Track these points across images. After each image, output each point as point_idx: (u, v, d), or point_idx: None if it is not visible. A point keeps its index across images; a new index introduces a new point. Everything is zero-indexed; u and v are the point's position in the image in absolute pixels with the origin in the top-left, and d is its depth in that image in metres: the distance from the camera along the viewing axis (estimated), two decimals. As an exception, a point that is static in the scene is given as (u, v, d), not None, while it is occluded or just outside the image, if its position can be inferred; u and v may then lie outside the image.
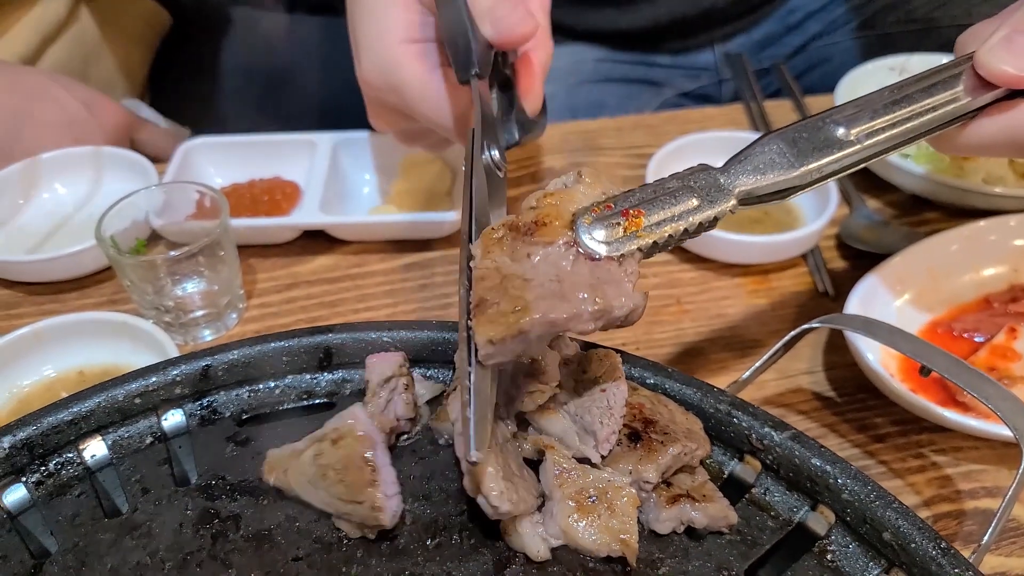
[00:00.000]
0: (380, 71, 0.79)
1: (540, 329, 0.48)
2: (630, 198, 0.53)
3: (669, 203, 0.53)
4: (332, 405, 0.64)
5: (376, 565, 0.52)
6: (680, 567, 0.53)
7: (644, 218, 0.52)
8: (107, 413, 0.61)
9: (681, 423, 0.57)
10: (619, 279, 0.50)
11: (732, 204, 0.54)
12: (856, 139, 0.57)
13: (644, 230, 0.52)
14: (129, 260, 0.82)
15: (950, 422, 0.71)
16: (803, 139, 0.57)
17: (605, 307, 0.48)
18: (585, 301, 0.48)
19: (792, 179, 0.56)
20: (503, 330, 0.48)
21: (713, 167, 0.56)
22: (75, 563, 0.53)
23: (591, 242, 0.51)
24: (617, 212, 0.52)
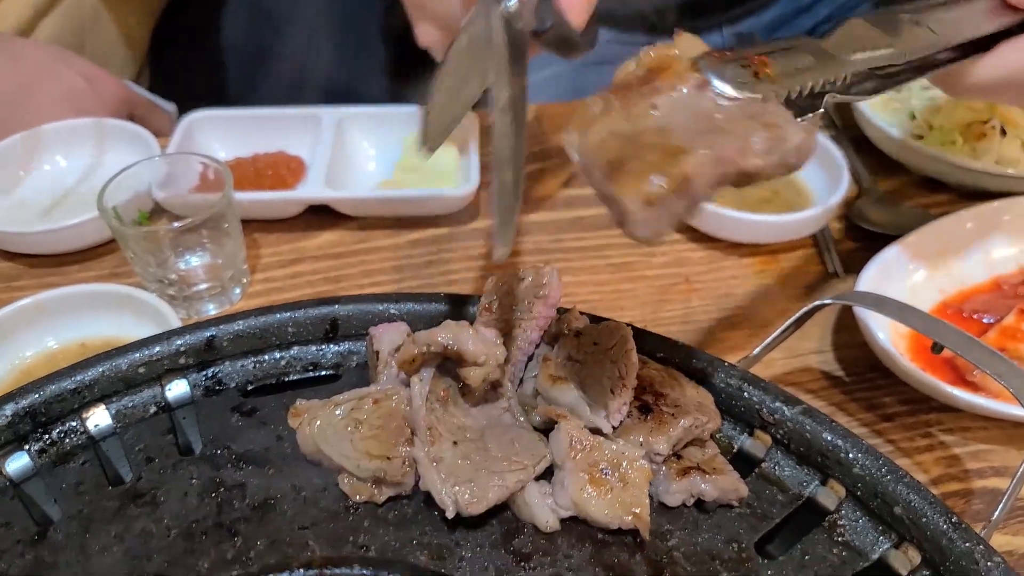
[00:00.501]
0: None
1: (709, 171, 0.40)
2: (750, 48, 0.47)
3: (790, 59, 0.48)
4: (338, 377, 0.63)
5: (384, 534, 0.51)
6: (690, 539, 0.52)
7: (772, 67, 0.46)
8: (111, 382, 0.60)
9: (692, 396, 0.57)
10: (777, 112, 0.43)
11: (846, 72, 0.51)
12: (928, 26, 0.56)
13: (778, 77, 0.46)
14: (132, 231, 0.82)
15: (959, 401, 0.71)
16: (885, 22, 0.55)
17: (777, 134, 0.42)
18: (750, 129, 0.41)
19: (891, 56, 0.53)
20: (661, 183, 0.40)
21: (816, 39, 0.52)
22: (79, 530, 0.53)
23: (726, 83, 0.44)
24: (740, 57, 0.46)
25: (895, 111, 1.03)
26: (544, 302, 0.60)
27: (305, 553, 0.49)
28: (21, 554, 0.52)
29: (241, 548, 0.51)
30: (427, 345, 0.53)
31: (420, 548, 0.50)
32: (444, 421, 0.53)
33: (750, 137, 0.41)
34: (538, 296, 0.60)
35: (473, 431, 0.54)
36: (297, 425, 0.55)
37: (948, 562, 0.50)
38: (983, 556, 0.49)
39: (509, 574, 0.49)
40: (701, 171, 0.40)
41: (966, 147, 0.96)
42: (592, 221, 0.96)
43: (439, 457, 0.51)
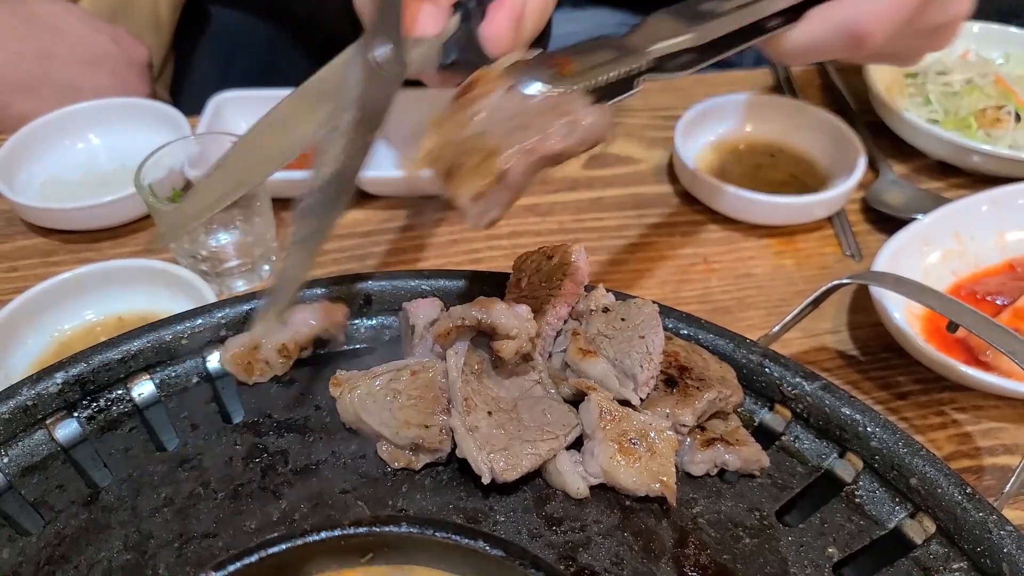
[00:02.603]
0: None
1: (518, 163, 0.48)
2: (552, 52, 0.55)
3: (590, 57, 0.55)
4: (372, 350, 0.65)
5: (421, 499, 0.54)
6: (713, 507, 0.54)
7: (572, 65, 0.53)
8: (155, 352, 0.62)
9: (715, 371, 0.59)
10: (574, 100, 0.51)
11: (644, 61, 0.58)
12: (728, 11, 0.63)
13: (578, 73, 0.53)
14: (168, 208, 0.84)
15: (972, 380, 0.73)
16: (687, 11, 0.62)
17: (571, 119, 0.49)
18: (549, 120, 0.49)
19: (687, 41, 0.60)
20: (482, 180, 0.48)
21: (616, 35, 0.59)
22: (130, 492, 0.55)
23: (531, 82, 0.51)
24: (544, 61, 0.53)
25: (911, 96, 1.04)
26: (572, 279, 0.62)
27: (351, 513, 0.52)
28: (76, 515, 0.54)
29: (286, 510, 0.53)
30: (462, 319, 0.55)
31: (456, 512, 0.53)
32: (479, 392, 0.55)
33: (549, 127, 0.49)
34: (566, 273, 0.62)
35: (506, 402, 0.56)
36: (338, 394, 0.57)
37: (963, 531, 0.52)
38: (996, 526, 0.51)
39: (541, 537, 0.52)
40: (513, 164, 0.48)
41: (981, 132, 0.98)
42: (612, 201, 0.98)
43: (475, 426, 0.53)
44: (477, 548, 0.51)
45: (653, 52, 0.59)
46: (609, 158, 1.05)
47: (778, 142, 1.03)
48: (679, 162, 0.97)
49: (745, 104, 1.03)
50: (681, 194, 0.99)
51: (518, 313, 0.56)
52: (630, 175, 1.02)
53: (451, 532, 0.51)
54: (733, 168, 1.00)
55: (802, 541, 0.53)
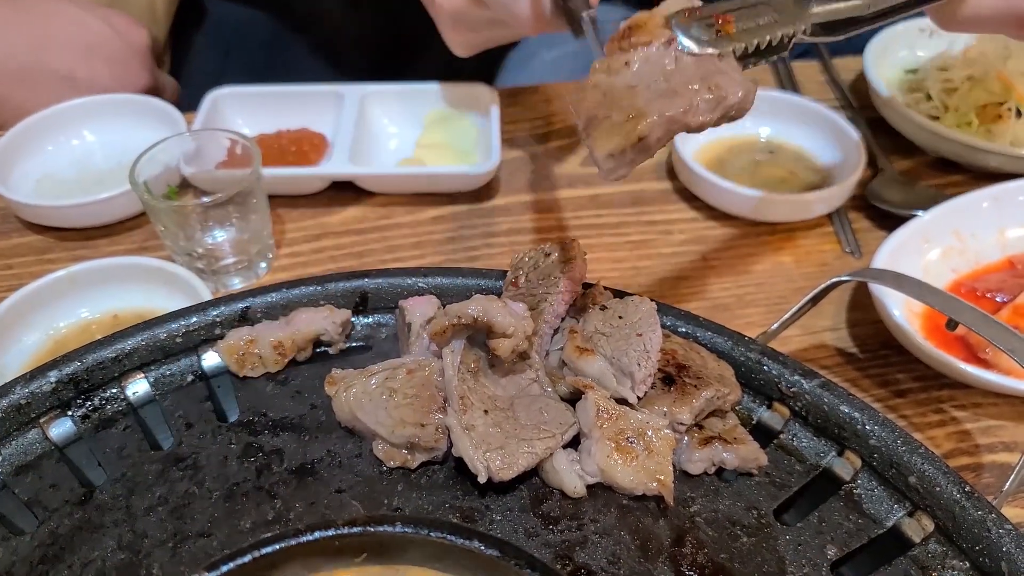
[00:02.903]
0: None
1: (659, 130, 0.50)
2: (717, 7, 0.55)
3: (752, 17, 0.55)
4: (368, 348, 0.65)
5: (417, 498, 0.53)
6: (711, 505, 0.54)
7: (734, 24, 0.54)
8: (149, 351, 0.62)
9: (713, 369, 0.58)
10: (726, 70, 0.52)
11: (806, 26, 0.57)
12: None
13: (737, 34, 0.54)
14: (163, 205, 0.83)
15: (971, 378, 0.73)
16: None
17: (719, 95, 0.50)
18: (698, 92, 0.50)
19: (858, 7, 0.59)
20: (622, 140, 0.50)
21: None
22: (124, 492, 0.55)
23: (689, 40, 0.52)
24: (709, 15, 0.54)
25: (911, 92, 1.04)
26: (570, 277, 0.62)
27: (346, 513, 0.52)
28: (70, 514, 0.54)
29: (281, 509, 0.53)
30: (458, 317, 0.54)
31: (452, 511, 0.52)
32: (475, 391, 0.55)
33: (696, 98, 0.50)
34: (564, 271, 0.62)
35: (503, 400, 0.56)
36: (333, 393, 0.56)
37: (961, 529, 0.52)
38: (995, 524, 0.51)
39: (537, 536, 0.51)
40: (652, 130, 0.50)
41: (981, 128, 0.97)
42: (611, 199, 0.98)
43: (471, 425, 0.53)
44: (472, 548, 0.50)
45: (815, 17, 0.58)
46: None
47: (778, 138, 1.02)
48: (678, 159, 0.96)
49: (744, 100, 1.03)
50: (680, 191, 0.98)
51: (515, 311, 0.55)
52: (629, 172, 1.02)
53: (446, 532, 0.51)
54: (732, 164, 1.00)
55: (800, 540, 0.53)
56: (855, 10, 0.60)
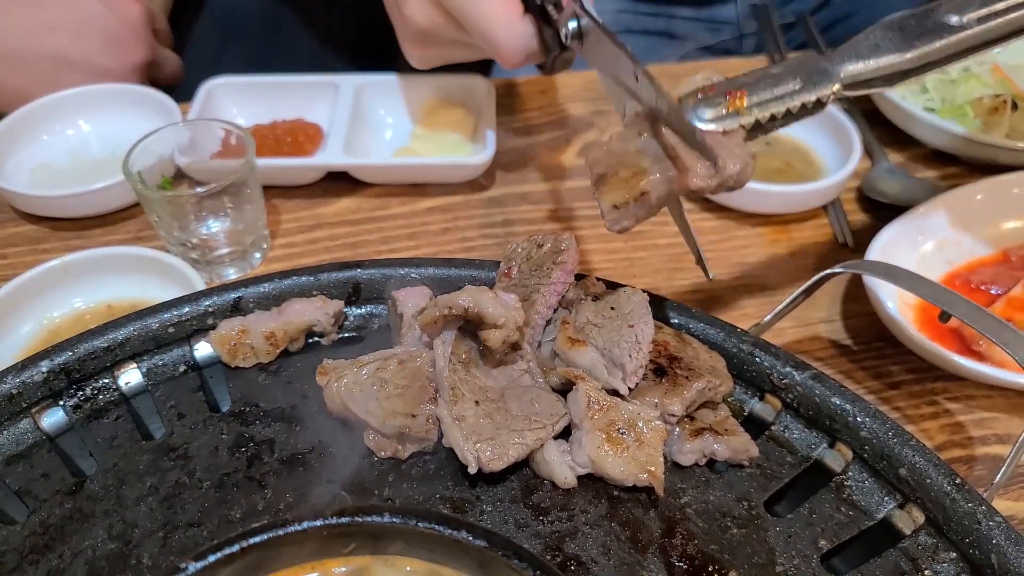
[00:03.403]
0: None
1: (660, 188, 0.53)
2: (734, 82, 0.57)
3: (771, 85, 0.57)
4: (361, 339, 0.65)
5: (407, 488, 0.53)
6: (702, 496, 0.54)
7: (747, 98, 0.56)
8: (141, 341, 0.62)
9: (705, 360, 0.58)
10: (725, 143, 0.55)
11: (836, 88, 0.57)
12: (967, 24, 0.58)
13: (747, 109, 0.56)
14: (157, 196, 0.83)
15: (965, 370, 0.73)
16: (910, 26, 0.58)
17: (720, 163, 0.53)
18: (698, 160, 0.53)
19: (900, 63, 0.57)
20: (625, 194, 0.54)
21: (818, 54, 0.58)
22: (115, 481, 0.55)
23: (697, 120, 0.55)
24: (721, 93, 0.56)
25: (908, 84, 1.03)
26: (562, 268, 0.62)
27: (336, 503, 0.52)
28: (61, 503, 0.54)
29: (271, 499, 0.53)
30: (448, 308, 0.54)
31: (443, 501, 0.53)
32: (466, 381, 0.55)
33: (696, 165, 0.54)
34: (556, 262, 0.62)
35: (494, 391, 0.56)
36: (324, 383, 0.56)
37: (951, 522, 0.52)
38: (985, 516, 0.51)
39: (528, 527, 0.51)
40: (653, 188, 0.54)
41: (977, 120, 0.97)
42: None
43: (462, 415, 0.53)
44: (460, 538, 0.50)
45: (847, 78, 0.58)
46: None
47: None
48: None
49: (740, 92, 1.02)
50: (675, 182, 0.98)
51: (505, 302, 0.55)
52: (624, 163, 1.02)
53: (434, 522, 0.51)
54: (728, 156, 0.99)
55: (790, 531, 0.53)
56: (895, 66, 0.58)
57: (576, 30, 0.71)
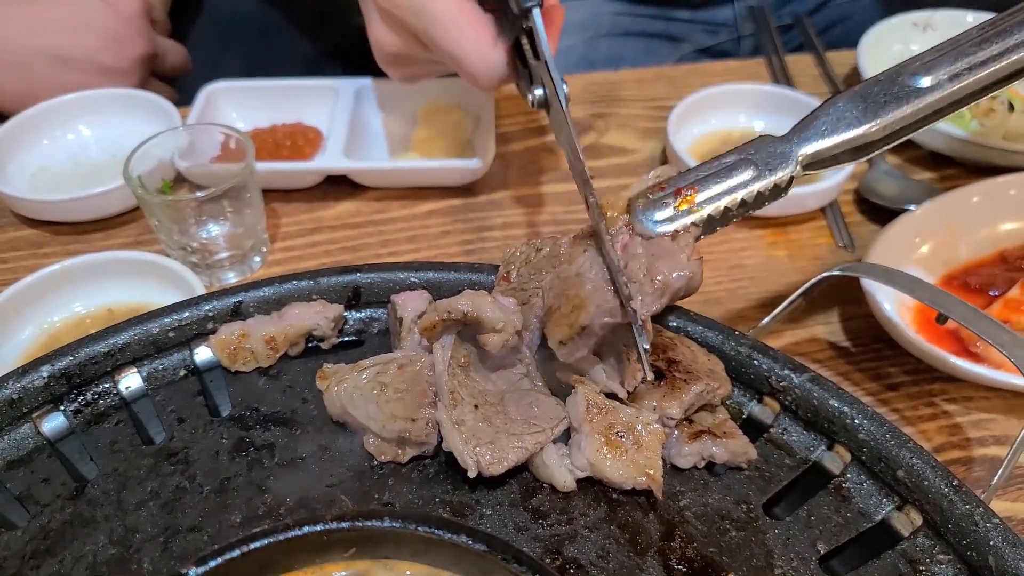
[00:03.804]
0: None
1: (599, 319, 0.50)
2: (685, 178, 0.55)
3: (725, 177, 0.54)
4: (360, 343, 0.65)
5: (407, 492, 0.53)
6: (700, 499, 0.54)
7: (697, 194, 0.54)
8: (142, 345, 0.62)
9: (703, 363, 0.59)
10: (672, 251, 0.52)
11: (792, 170, 0.54)
12: (938, 84, 0.54)
13: (698, 206, 0.53)
14: (157, 200, 0.83)
15: (962, 371, 0.73)
16: (873, 93, 0.55)
17: (663, 281, 0.51)
18: (640, 284, 0.51)
19: (862, 136, 0.54)
20: (566, 331, 0.51)
21: (775, 136, 0.56)
22: (116, 486, 0.55)
23: (646, 223, 0.53)
24: (670, 192, 0.54)
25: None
26: (561, 272, 0.62)
27: (336, 507, 0.52)
28: (61, 508, 0.54)
29: (272, 504, 0.53)
30: (447, 312, 0.55)
31: (442, 505, 0.53)
32: (465, 385, 0.55)
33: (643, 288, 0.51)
34: (555, 266, 0.62)
35: (493, 395, 0.56)
36: (324, 388, 0.57)
37: (949, 524, 0.52)
38: (983, 518, 0.51)
39: (527, 530, 0.52)
40: (592, 321, 0.51)
41: (975, 123, 0.97)
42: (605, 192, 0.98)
43: (461, 419, 0.53)
44: (460, 542, 0.51)
45: (807, 158, 0.55)
46: (602, 148, 1.04)
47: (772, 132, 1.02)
48: (672, 152, 0.96)
49: (739, 94, 1.03)
50: (674, 185, 0.98)
51: (504, 306, 0.55)
52: (623, 166, 1.02)
53: (434, 526, 0.51)
54: (726, 159, 1.00)
55: (789, 534, 0.53)
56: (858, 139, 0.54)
57: (542, 98, 0.69)
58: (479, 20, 0.74)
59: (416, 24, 0.76)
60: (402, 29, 0.79)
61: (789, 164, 0.54)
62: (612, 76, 1.15)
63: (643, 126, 1.07)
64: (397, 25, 0.80)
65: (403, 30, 0.79)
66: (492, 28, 0.74)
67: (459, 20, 0.74)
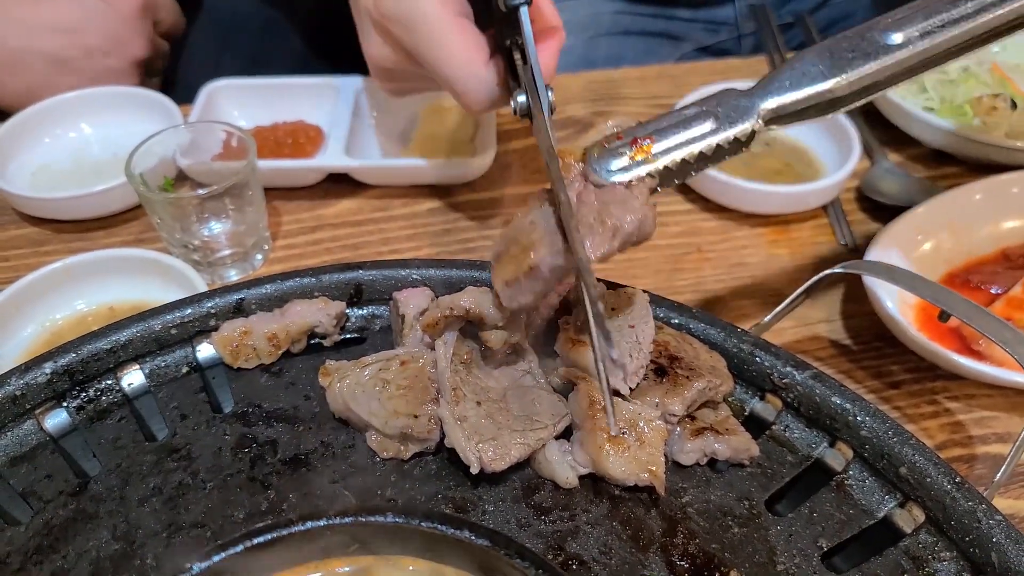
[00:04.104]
0: (399, 2, 0.71)
1: (548, 261, 0.49)
2: (644, 128, 0.53)
3: (683, 128, 0.53)
4: (363, 340, 0.65)
5: (409, 488, 0.54)
6: (703, 496, 0.54)
7: (655, 145, 0.52)
8: (144, 343, 0.62)
9: (705, 360, 0.59)
10: (625, 198, 0.51)
11: (754, 123, 0.53)
12: (907, 41, 0.52)
13: (654, 156, 0.52)
14: (159, 197, 0.83)
15: (964, 369, 0.73)
16: (841, 48, 0.53)
17: (613, 224, 0.49)
18: (592, 226, 0.49)
19: (827, 90, 0.52)
20: (515, 269, 0.50)
21: (739, 89, 0.54)
22: (119, 482, 0.55)
23: (600, 172, 0.52)
24: (626, 142, 0.52)
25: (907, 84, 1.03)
26: (563, 269, 0.62)
27: (339, 503, 0.52)
28: (64, 504, 0.54)
29: (274, 500, 0.53)
30: (450, 308, 0.55)
31: (445, 501, 0.53)
32: (468, 382, 0.55)
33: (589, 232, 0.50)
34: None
35: (495, 392, 0.56)
36: (327, 384, 0.57)
37: (951, 520, 0.52)
38: (985, 515, 0.51)
39: (530, 526, 0.52)
40: (542, 261, 0.49)
41: (977, 120, 0.97)
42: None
43: (464, 416, 0.53)
44: (462, 538, 0.51)
45: (768, 112, 0.53)
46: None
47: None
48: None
49: (740, 92, 1.03)
50: (675, 183, 0.98)
51: None
52: (624, 164, 1.02)
53: (436, 522, 0.51)
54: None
55: (791, 530, 0.53)
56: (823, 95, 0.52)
57: (525, 107, 0.67)
58: (472, 39, 0.72)
59: (407, 41, 0.74)
60: (396, 44, 0.77)
61: (750, 118, 0.53)
62: (613, 74, 1.15)
63: (644, 124, 1.07)
64: (391, 39, 0.78)
65: (397, 45, 0.77)
66: (485, 48, 0.72)
67: (451, 39, 0.71)
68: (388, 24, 0.74)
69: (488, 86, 0.72)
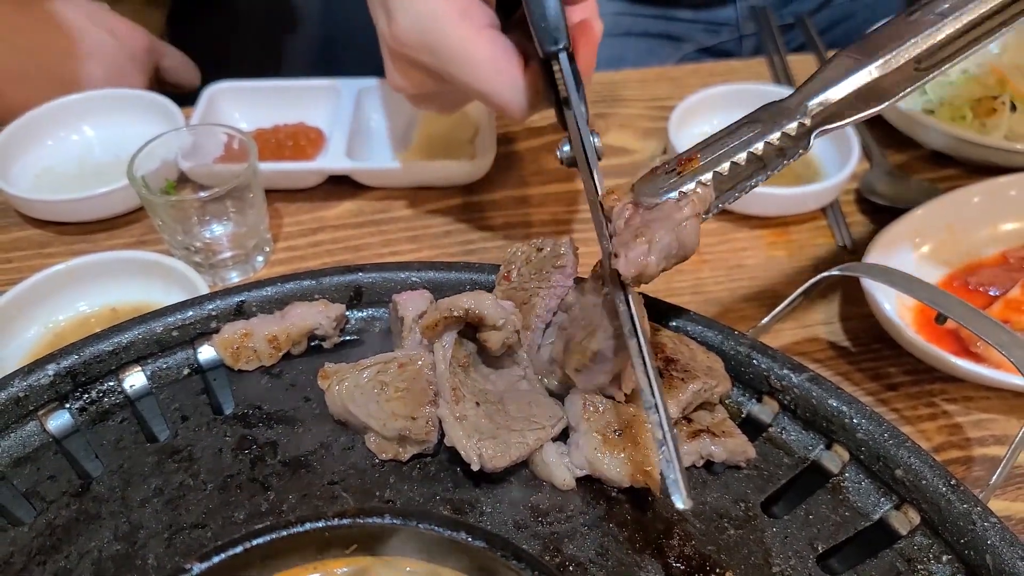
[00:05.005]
0: (417, 29, 0.70)
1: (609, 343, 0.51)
2: (688, 151, 0.53)
3: (729, 136, 0.53)
4: (362, 342, 0.66)
5: (408, 489, 0.54)
6: (699, 498, 0.55)
7: (701, 155, 0.52)
8: (146, 344, 0.63)
9: (702, 361, 0.59)
10: (669, 212, 0.50)
11: (800, 120, 0.52)
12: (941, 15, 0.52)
13: (703, 166, 0.51)
14: (161, 200, 0.84)
15: (962, 371, 0.73)
16: (874, 35, 0.53)
17: (648, 238, 0.50)
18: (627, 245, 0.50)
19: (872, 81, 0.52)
20: (579, 358, 0.53)
21: (779, 99, 0.54)
22: (120, 483, 0.56)
23: (647, 197, 0.52)
24: (672, 164, 0.52)
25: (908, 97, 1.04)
26: (561, 272, 0.62)
27: (337, 505, 0.52)
28: (67, 505, 0.54)
29: (274, 501, 0.53)
30: (449, 310, 0.55)
31: (443, 503, 0.53)
32: (466, 384, 0.55)
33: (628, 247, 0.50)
34: (555, 266, 0.62)
35: (493, 395, 0.56)
36: (326, 386, 0.57)
37: (947, 523, 0.52)
38: (980, 517, 0.51)
39: (527, 528, 0.52)
40: (603, 345, 0.52)
41: (976, 122, 0.97)
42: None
43: (463, 415, 0.53)
44: (460, 539, 0.51)
45: (815, 107, 0.52)
46: (603, 149, 1.05)
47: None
48: (673, 153, 0.97)
49: (740, 94, 1.03)
50: (675, 185, 0.99)
51: (504, 305, 0.56)
52: (624, 166, 1.02)
53: (434, 523, 0.51)
54: (727, 159, 1.00)
55: (787, 532, 0.54)
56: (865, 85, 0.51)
57: (570, 157, 0.67)
58: (500, 50, 0.70)
59: (433, 63, 0.72)
60: (416, 70, 0.75)
61: (796, 116, 0.52)
62: (613, 76, 1.15)
63: (644, 126, 1.07)
64: (411, 67, 0.76)
65: (418, 71, 0.75)
66: (515, 56, 0.70)
67: (478, 55, 0.69)
68: (411, 53, 0.72)
69: (525, 94, 0.71)
